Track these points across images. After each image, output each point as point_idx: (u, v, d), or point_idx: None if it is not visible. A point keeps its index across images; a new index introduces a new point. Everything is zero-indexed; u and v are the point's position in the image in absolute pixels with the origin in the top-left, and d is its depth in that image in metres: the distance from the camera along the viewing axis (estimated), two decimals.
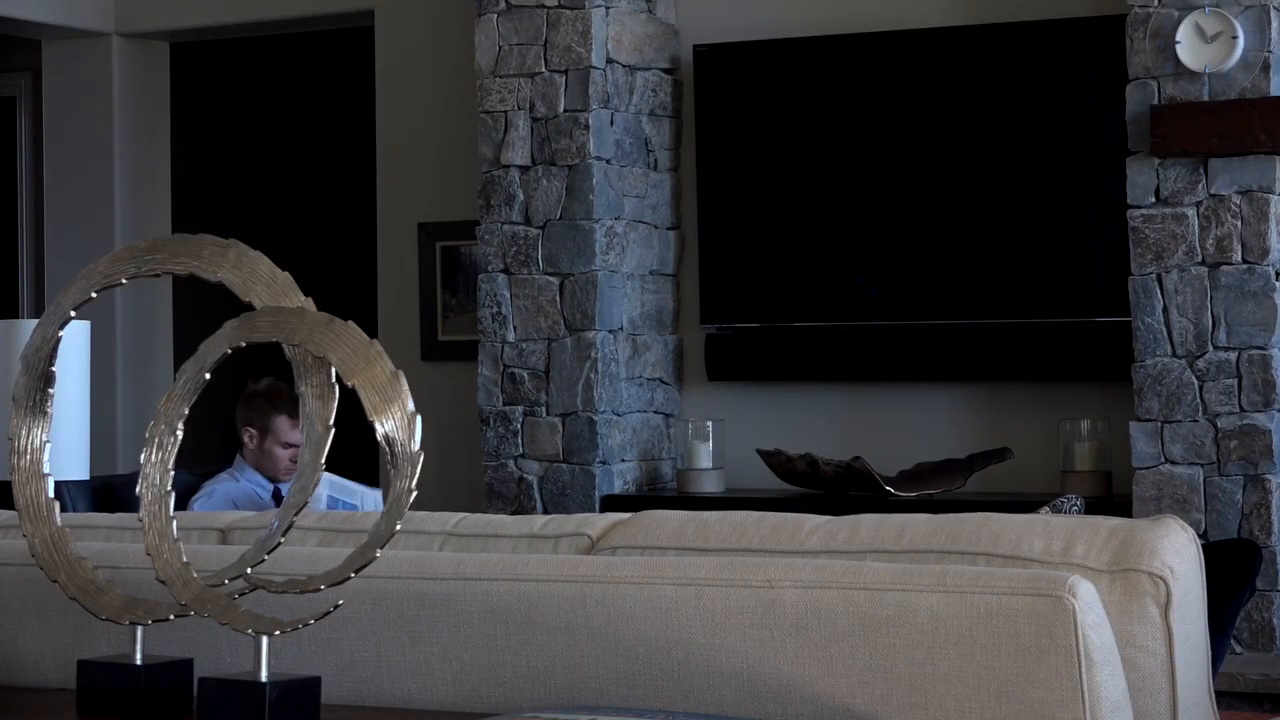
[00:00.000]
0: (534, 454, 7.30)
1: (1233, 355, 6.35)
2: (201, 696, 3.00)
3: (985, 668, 2.86)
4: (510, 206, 7.35)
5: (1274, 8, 6.33)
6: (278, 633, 2.98)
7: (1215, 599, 3.22)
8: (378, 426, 2.98)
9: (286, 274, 3.16)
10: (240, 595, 3.10)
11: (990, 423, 7.11)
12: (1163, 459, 6.41)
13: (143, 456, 3.12)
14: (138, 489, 3.11)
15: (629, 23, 7.40)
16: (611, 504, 7.12)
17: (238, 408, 6.55)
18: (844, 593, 2.95)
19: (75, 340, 4.46)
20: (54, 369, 3.27)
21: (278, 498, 6.41)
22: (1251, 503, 6.31)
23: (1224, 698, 5.50)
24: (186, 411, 3.12)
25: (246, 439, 6.44)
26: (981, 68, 7.10)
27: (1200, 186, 6.39)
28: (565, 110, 7.28)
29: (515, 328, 7.33)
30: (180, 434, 3.12)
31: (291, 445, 6.42)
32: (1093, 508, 5.83)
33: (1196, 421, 6.38)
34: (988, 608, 2.86)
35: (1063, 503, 5.33)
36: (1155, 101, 6.43)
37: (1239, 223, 6.34)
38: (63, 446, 4.39)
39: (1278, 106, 6.27)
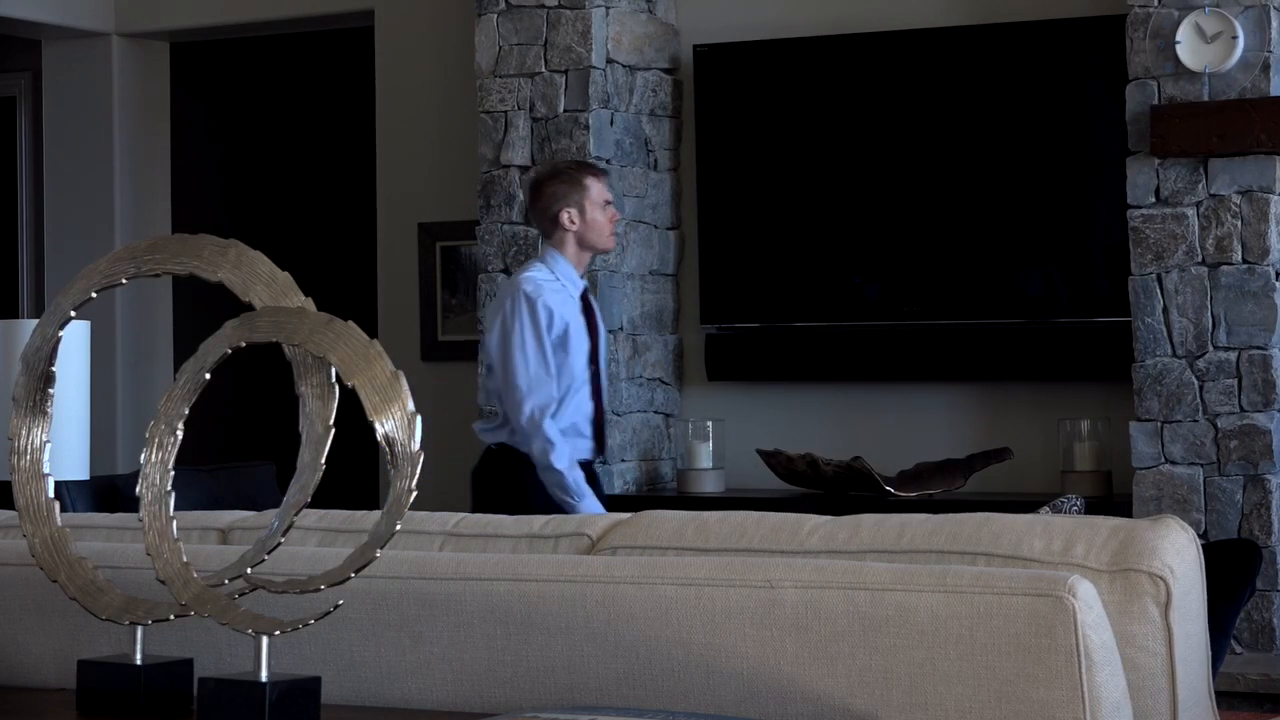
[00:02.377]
0: None
1: (1233, 355, 6.35)
2: (201, 696, 3.00)
3: (985, 668, 2.86)
4: (510, 206, 7.35)
5: (1274, 8, 6.33)
6: (278, 633, 2.97)
7: (1215, 599, 3.22)
8: (378, 426, 2.98)
9: (286, 274, 3.16)
10: (240, 595, 3.10)
11: (990, 423, 7.11)
12: (1163, 459, 6.41)
13: (143, 456, 3.12)
14: (138, 489, 3.11)
15: (629, 23, 7.40)
16: (611, 504, 7.11)
17: (540, 200, 6.13)
18: (844, 593, 2.95)
19: (75, 340, 4.46)
20: (54, 369, 3.27)
21: (585, 304, 6.17)
22: (1251, 503, 6.31)
23: (1224, 698, 5.50)
24: (186, 411, 3.12)
25: (567, 221, 6.06)
26: (981, 68, 7.10)
27: (1200, 186, 6.39)
28: (565, 110, 7.28)
29: None
30: (180, 434, 3.12)
31: (609, 203, 6.15)
32: (1093, 508, 5.82)
33: (1196, 421, 6.38)
34: (988, 608, 2.86)
35: (1063, 503, 5.33)
36: (1155, 101, 6.44)
37: (1239, 223, 6.34)
38: (63, 446, 4.39)
39: (1278, 106, 6.27)
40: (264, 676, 2.96)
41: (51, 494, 3.27)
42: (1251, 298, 6.33)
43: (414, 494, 2.95)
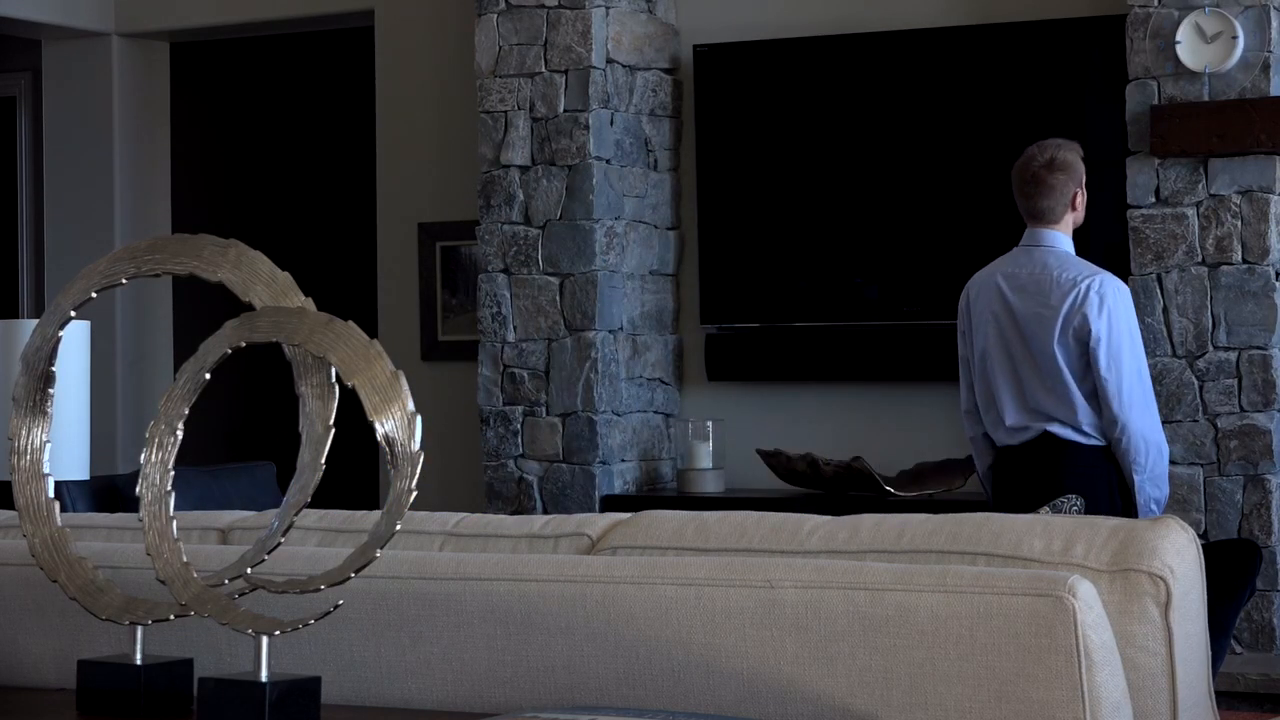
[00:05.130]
0: (534, 454, 7.30)
1: (1233, 355, 6.35)
2: (201, 696, 3.00)
3: (985, 668, 2.86)
4: (510, 206, 7.35)
5: (1274, 8, 6.33)
6: (278, 633, 2.98)
7: (1215, 599, 3.22)
8: (378, 426, 2.98)
9: (286, 274, 3.17)
10: (240, 595, 3.10)
11: None
12: None
13: (143, 456, 3.12)
14: (138, 489, 3.11)
15: (629, 23, 7.40)
16: (611, 504, 7.12)
17: (1060, 184, 5.78)
18: (844, 593, 2.95)
19: (75, 340, 4.46)
20: (54, 369, 3.27)
21: None
22: (1251, 503, 6.31)
23: (1224, 698, 5.50)
24: (186, 411, 3.12)
25: (1078, 202, 5.80)
26: (981, 68, 7.10)
27: (1200, 186, 6.39)
28: (565, 110, 7.28)
29: (515, 328, 7.33)
30: (180, 434, 3.12)
31: None
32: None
33: (1196, 421, 6.38)
34: (988, 608, 2.86)
35: (1063, 503, 5.33)
36: (1155, 101, 6.44)
37: (1239, 223, 6.35)
38: (63, 446, 4.39)
39: (1278, 106, 6.27)
40: (264, 676, 2.96)
41: (51, 494, 3.27)
42: (1251, 298, 6.33)
43: (414, 494, 2.95)
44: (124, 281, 3.24)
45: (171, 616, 3.13)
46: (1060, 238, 5.81)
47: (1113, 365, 5.63)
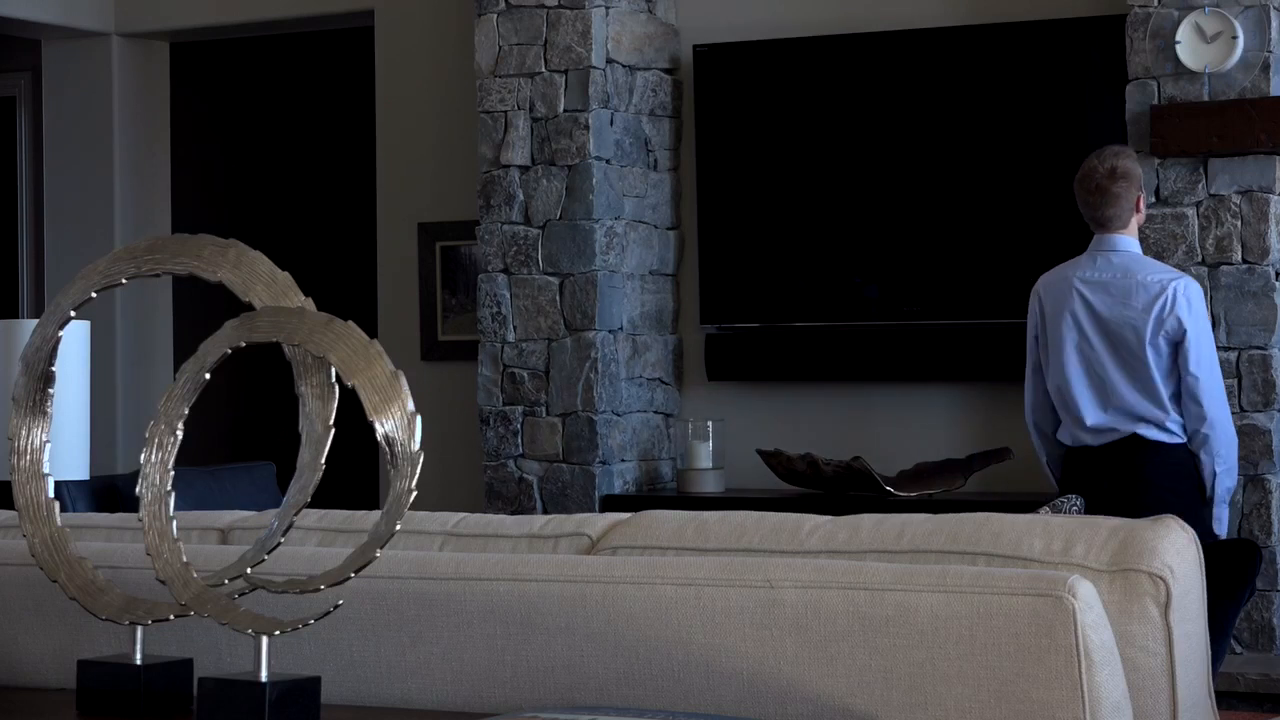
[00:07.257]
0: (534, 454, 7.30)
1: (1233, 355, 6.35)
2: (201, 696, 3.00)
3: (985, 668, 2.86)
4: (510, 206, 7.35)
5: (1274, 8, 6.33)
6: (278, 633, 2.97)
7: (1215, 599, 3.22)
8: (378, 426, 2.98)
9: (286, 274, 3.17)
10: (240, 595, 3.10)
11: (990, 423, 7.11)
12: None
13: (143, 456, 3.12)
14: (138, 489, 3.11)
15: (629, 23, 7.40)
16: (611, 504, 7.12)
17: (1127, 190, 5.85)
18: (844, 593, 2.95)
19: (75, 340, 4.46)
20: (54, 369, 3.27)
21: None
22: (1251, 503, 6.31)
23: (1224, 698, 5.50)
24: (186, 411, 3.12)
25: (1143, 205, 5.93)
26: (981, 68, 7.10)
27: (1200, 186, 6.40)
28: (565, 110, 7.28)
29: (515, 328, 7.34)
30: (180, 434, 3.12)
31: None
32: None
33: None
34: (988, 608, 2.86)
35: (1063, 503, 5.33)
36: (1155, 101, 6.44)
37: (1239, 223, 6.35)
38: (63, 446, 4.39)
39: (1278, 106, 6.28)
40: (264, 676, 2.96)
41: (51, 494, 3.27)
42: (1251, 298, 6.34)
43: (414, 494, 2.95)
44: (124, 281, 3.24)
45: (171, 616, 3.13)
46: (1131, 241, 5.92)
47: (1201, 362, 5.79)
